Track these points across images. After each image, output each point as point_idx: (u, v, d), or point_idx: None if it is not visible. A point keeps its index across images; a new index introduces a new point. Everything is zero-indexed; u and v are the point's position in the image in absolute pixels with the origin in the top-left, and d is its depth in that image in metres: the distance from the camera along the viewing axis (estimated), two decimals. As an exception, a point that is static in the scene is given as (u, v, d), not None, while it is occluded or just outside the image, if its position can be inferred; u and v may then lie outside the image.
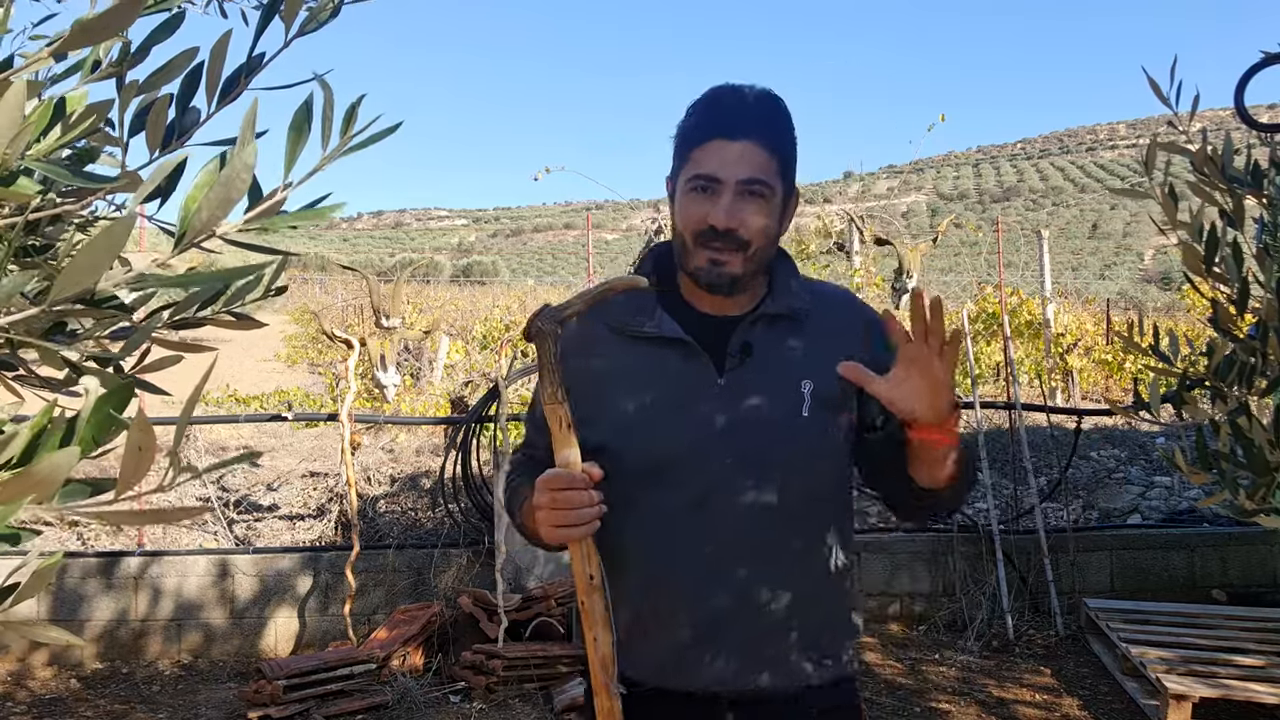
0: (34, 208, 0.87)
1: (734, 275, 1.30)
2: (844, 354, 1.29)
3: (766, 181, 1.29)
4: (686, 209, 1.32)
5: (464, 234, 78.76)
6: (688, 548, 1.31)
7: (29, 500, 0.60)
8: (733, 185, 1.27)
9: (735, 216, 1.27)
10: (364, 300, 10.06)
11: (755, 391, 1.31)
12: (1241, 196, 1.87)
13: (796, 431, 1.30)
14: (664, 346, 1.34)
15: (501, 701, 3.93)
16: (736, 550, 1.30)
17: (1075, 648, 4.46)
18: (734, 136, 1.28)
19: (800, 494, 1.32)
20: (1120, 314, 15.38)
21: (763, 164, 1.29)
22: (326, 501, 5.57)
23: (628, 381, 1.34)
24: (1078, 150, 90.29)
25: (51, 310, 0.72)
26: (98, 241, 0.61)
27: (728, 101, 1.32)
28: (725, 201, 1.27)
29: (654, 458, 1.31)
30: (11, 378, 1.07)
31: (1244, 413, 1.85)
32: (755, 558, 1.30)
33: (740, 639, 1.30)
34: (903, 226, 14.26)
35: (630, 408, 1.33)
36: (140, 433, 0.63)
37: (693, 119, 1.34)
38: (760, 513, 1.30)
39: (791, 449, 1.30)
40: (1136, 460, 6.65)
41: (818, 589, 1.34)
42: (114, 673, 4.45)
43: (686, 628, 1.31)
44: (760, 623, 1.31)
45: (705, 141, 1.30)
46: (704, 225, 1.28)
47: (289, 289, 1.27)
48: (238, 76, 0.97)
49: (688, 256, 1.33)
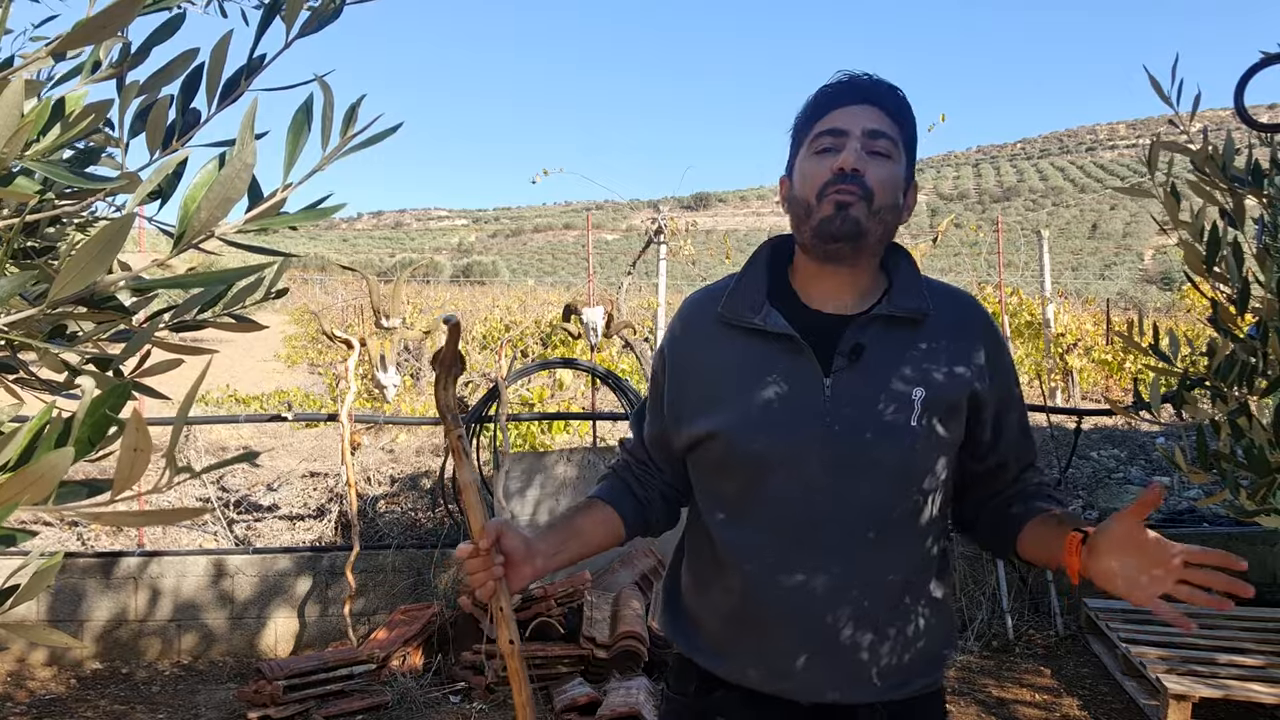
0: (33, 208, 0.87)
1: (859, 222, 1.23)
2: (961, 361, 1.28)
3: (891, 138, 1.26)
4: (810, 169, 1.27)
5: (464, 234, 78.74)
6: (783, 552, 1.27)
7: (25, 501, 0.60)
8: (858, 134, 1.25)
9: (862, 160, 1.23)
10: (364, 300, 10.05)
11: (863, 395, 1.25)
12: (1242, 196, 1.87)
13: (902, 440, 1.24)
14: (771, 342, 1.29)
15: (501, 701, 3.93)
16: (833, 558, 1.25)
17: (1075, 648, 4.46)
18: (860, 101, 1.27)
19: (902, 504, 1.27)
20: (1120, 314, 15.38)
21: (886, 124, 1.27)
22: (326, 501, 5.56)
23: (733, 375, 1.30)
24: (1078, 150, 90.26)
25: (50, 311, 0.72)
26: (96, 241, 0.61)
27: (851, 77, 1.30)
28: (852, 148, 1.24)
29: (754, 456, 1.27)
30: (11, 380, 1.07)
31: (1244, 413, 1.85)
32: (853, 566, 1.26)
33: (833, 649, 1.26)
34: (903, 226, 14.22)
35: (734, 403, 1.29)
36: (136, 434, 0.63)
37: (815, 97, 1.31)
38: (859, 521, 1.25)
39: (895, 458, 1.24)
40: (1136, 460, 6.65)
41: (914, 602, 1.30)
42: (114, 673, 4.45)
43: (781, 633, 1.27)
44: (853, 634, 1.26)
45: (830, 109, 1.28)
46: (830, 173, 1.24)
47: (289, 290, 1.27)
48: (238, 77, 0.97)
49: (810, 217, 1.26)
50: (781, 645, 1.27)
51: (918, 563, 1.30)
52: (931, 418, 1.25)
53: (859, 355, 1.26)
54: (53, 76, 0.97)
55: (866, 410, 1.25)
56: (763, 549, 1.28)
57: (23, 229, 0.96)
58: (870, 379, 1.26)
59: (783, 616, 1.27)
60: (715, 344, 1.34)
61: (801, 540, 1.26)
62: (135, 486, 0.68)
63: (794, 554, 1.26)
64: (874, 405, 1.25)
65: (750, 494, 1.28)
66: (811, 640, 1.26)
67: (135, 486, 0.68)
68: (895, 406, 1.24)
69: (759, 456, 1.26)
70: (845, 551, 1.25)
